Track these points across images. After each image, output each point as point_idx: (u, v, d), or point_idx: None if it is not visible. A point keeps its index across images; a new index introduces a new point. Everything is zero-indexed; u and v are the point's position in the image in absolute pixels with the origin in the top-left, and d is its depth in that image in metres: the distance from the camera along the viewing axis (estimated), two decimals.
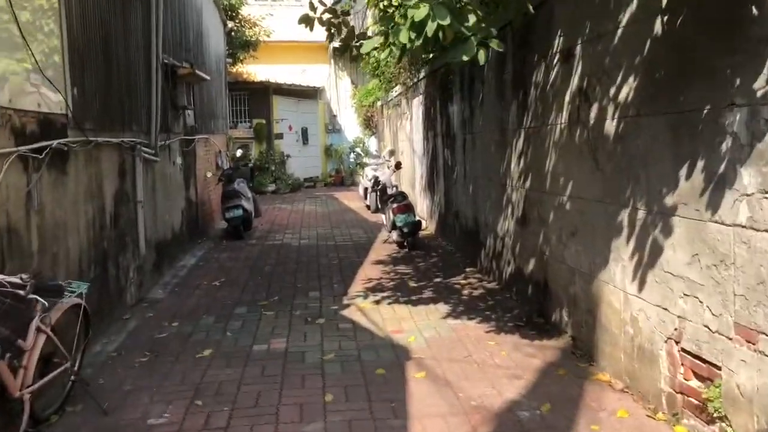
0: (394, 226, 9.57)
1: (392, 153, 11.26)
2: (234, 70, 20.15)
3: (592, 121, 4.58)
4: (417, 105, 12.12)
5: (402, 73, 12.01)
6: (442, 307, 6.30)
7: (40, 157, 4.31)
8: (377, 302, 6.56)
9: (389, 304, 6.49)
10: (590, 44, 4.59)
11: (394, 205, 9.41)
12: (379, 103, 18.28)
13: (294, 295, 6.98)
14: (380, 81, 16.25)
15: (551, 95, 5.32)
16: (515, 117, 6.31)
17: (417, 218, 9.53)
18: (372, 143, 22.02)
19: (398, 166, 10.59)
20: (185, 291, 7.32)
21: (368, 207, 14.61)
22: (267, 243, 10.57)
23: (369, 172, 14.45)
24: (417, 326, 5.71)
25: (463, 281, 7.46)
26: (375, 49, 5.17)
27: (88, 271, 5.34)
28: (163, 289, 7.38)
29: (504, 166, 6.75)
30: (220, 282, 7.70)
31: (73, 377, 4.14)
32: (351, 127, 22.58)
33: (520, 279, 6.38)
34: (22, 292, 3.41)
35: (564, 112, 5.08)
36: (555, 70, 5.24)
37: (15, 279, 3.43)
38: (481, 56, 4.20)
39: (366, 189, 14.46)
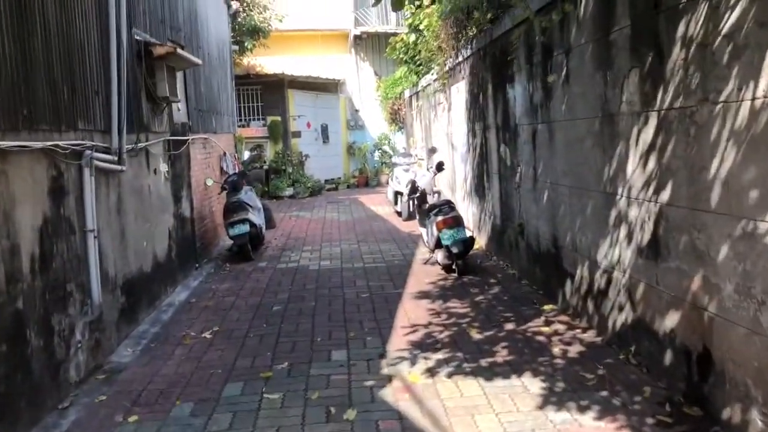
0: (438, 245, 7.51)
1: (433, 151, 9.18)
2: (244, 62, 18.23)
3: None
4: (458, 92, 10.03)
5: (438, 54, 9.92)
6: (533, 384, 4.21)
7: None
8: (431, 372, 4.49)
9: (450, 375, 4.42)
10: None
11: (439, 218, 7.34)
12: (407, 94, 16.19)
13: (311, 358, 4.92)
14: (409, 68, 14.16)
15: (727, 50, 3.21)
16: (636, 94, 4.19)
17: (468, 234, 7.45)
18: (399, 139, 19.97)
19: (440, 167, 8.51)
20: (162, 350, 5.32)
21: (399, 213, 12.56)
22: (280, 266, 8.55)
23: (399, 173, 12.39)
24: (503, 427, 3.64)
25: (545, 328, 5.36)
26: None
27: None
28: (134, 347, 5.39)
29: (611, 168, 4.64)
30: (211, 332, 5.70)
31: None
32: (375, 122, 20.53)
33: (645, 335, 4.27)
34: None
35: (765, 78, 2.96)
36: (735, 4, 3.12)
37: None
38: None
39: (396, 193, 12.39)
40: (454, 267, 7.38)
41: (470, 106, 9.22)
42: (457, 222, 7.33)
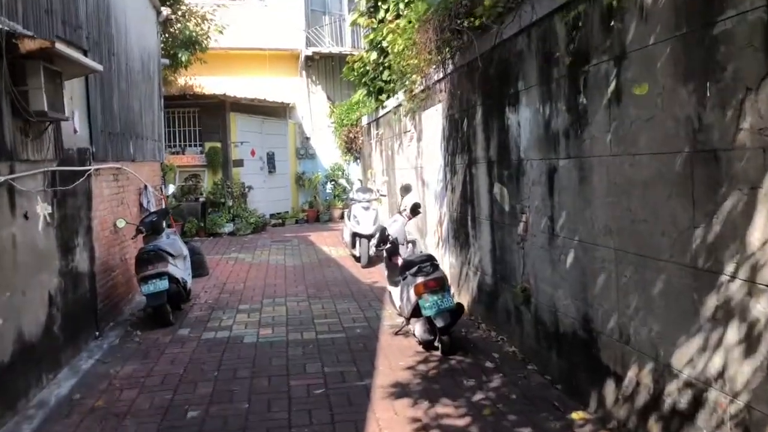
0: (415, 312, 5.76)
1: (406, 190, 7.43)
2: (179, 81, 16.30)
3: None
4: (431, 118, 8.40)
5: (409, 71, 8.26)
6: None
7: None
8: None
9: None
10: None
11: (419, 280, 5.58)
12: (365, 121, 14.54)
13: None
14: (368, 91, 12.51)
15: None
16: None
17: (456, 301, 5.71)
18: (354, 171, 18.26)
19: (415, 210, 6.79)
20: None
21: (356, 258, 10.78)
22: (206, 335, 6.60)
23: (358, 211, 10.62)
24: None
25: None
26: None
27: None
28: None
29: (710, 230, 3.00)
30: None
31: None
32: (328, 151, 18.78)
33: None
34: None
35: None
36: None
37: None
38: None
39: (354, 234, 10.60)
40: (436, 343, 5.62)
41: (449, 134, 7.58)
42: (442, 286, 5.59)
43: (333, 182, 18.47)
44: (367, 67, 11.91)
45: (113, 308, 7.26)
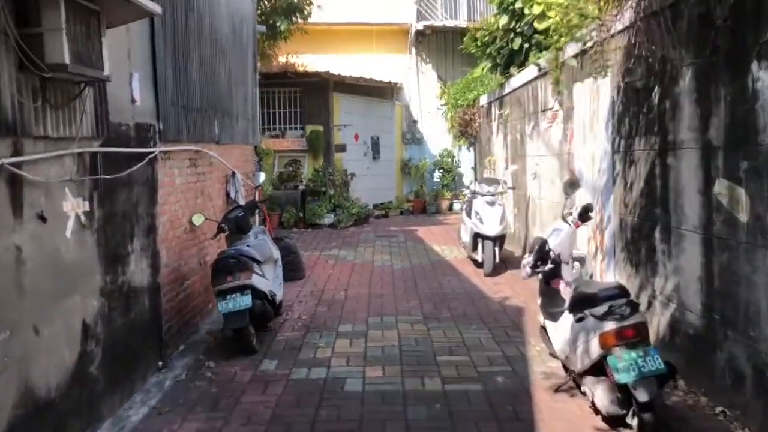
0: (596, 368, 3.87)
1: (574, 186, 5.33)
2: (282, 59, 14.98)
3: None
4: (589, 92, 6.41)
5: (562, 28, 6.27)
6: None
7: None
8: None
9: None
10: None
11: (609, 326, 3.68)
12: (484, 101, 12.59)
13: None
14: (494, 63, 10.57)
15: None
16: None
17: (664, 362, 3.74)
18: (465, 158, 16.37)
19: (586, 215, 4.78)
20: None
21: (476, 263, 8.94)
22: (296, 374, 4.98)
23: (481, 206, 8.74)
24: None
25: None
26: None
27: None
28: None
29: None
30: None
31: None
32: (436, 136, 16.96)
33: None
34: None
35: None
36: None
37: None
38: None
39: (476, 235, 8.73)
40: (630, 420, 3.71)
41: (623, 111, 5.57)
42: (642, 336, 3.67)
43: (441, 170, 16.68)
44: (495, 35, 9.96)
45: (186, 326, 5.84)
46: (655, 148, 4.94)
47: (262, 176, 7.20)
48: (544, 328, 4.98)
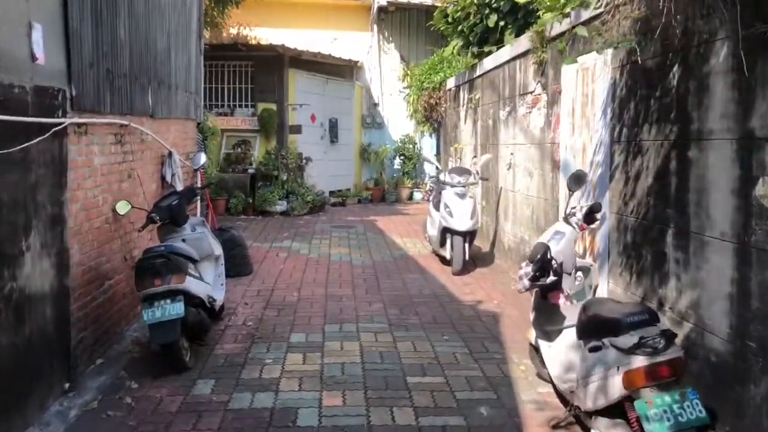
0: (613, 409, 3.09)
1: (579, 180, 4.45)
2: (233, 31, 13.83)
3: None
4: (581, 72, 5.63)
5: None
6: None
7: None
8: None
9: None
10: None
11: (638, 362, 2.90)
12: (451, 84, 11.77)
13: None
14: (467, 41, 9.74)
15: None
16: None
17: (705, 408, 2.98)
18: (427, 144, 15.57)
19: (592, 215, 3.96)
20: None
21: (443, 260, 8.15)
22: (237, 403, 4.06)
23: (451, 198, 7.94)
24: None
25: None
26: None
27: None
28: None
29: None
30: None
31: None
32: (398, 120, 16.09)
33: None
34: None
35: None
36: None
37: None
38: None
39: (445, 230, 7.93)
40: None
41: (627, 94, 4.81)
42: (678, 375, 2.92)
43: (403, 157, 15.83)
44: (468, 11, 9.12)
45: (106, 335, 4.86)
46: (671, 138, 4.19)
47: (203, 158, 6.19)
48: (535, 348, 4.20)
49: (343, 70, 15.55)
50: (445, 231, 7.92)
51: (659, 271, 4.35)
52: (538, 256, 3.54)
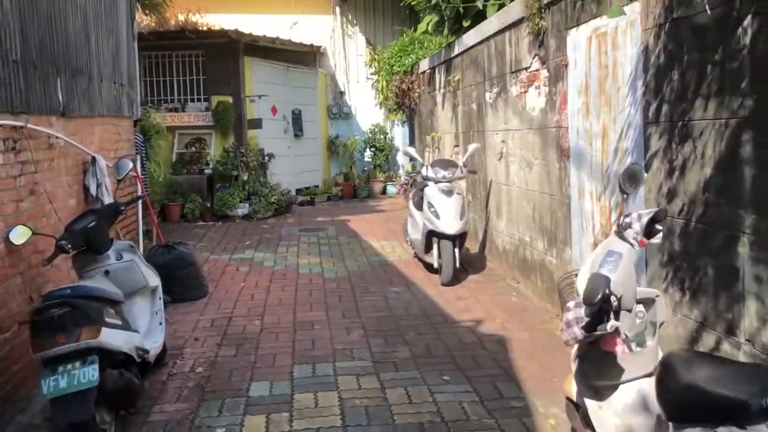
0: None
1: (633, 179, 3.28)
2: (182, 17, 12.53)
3: None
4: (595, 42, 4.56)
5: None
6: None
7: None
8: None
9: None
10: None
11: None
12: (424, 66, 10.64)
13: None
14: (443, 16, 8.63)
15: None
16: None
17: None
18: (399, 134, 14.47)
19: (654, 227, 2.94)
20: None
21: (428, 266, 7.07)
22: None
23: (435, 196, 6.83)
24: None
25: None
26: None
27: None
28: None
29: None
30: None
31: None
32: (366, 109, 14.93)
33: None
34: None
35: None
36: None
37: None
38: None
39: (431, 233, 6.83)
40: None
41: (666, 62, 3.75)
42: None
43: (373, 148, 14.70)
44: None
45: (4, 403, 3.66)
46: (742, 115, 3.14)
47: (129, 165, 4.95)
48: (575, 405, 3.13)
49: (305, 57, 14.32)
50: (431, 234, 6.82)
51: (728, 289, 3.31)
52: (598, 296, 2.46)
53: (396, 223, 10.56)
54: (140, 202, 6.85)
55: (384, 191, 14.56)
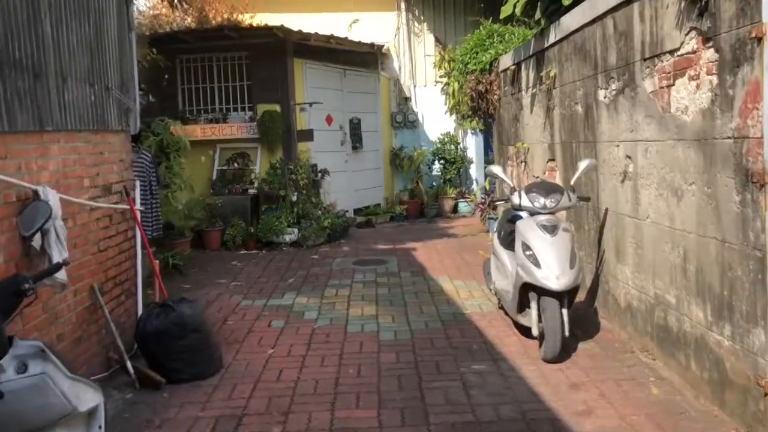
0: None
1: None
2: (227, 15, 11.07)
3: None
4: None
5: None
6: None
7: None
8: None
9: None
10: None
11: None
12: (507, 63, 8.68)
13: None
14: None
15: None
16: None
17: None
18: (472, 143, 12.59)
19: None
20: None
21: (521, 329, 5.12)
22: None
23: (535, 236, 4.86)
24: None
25: None
26: None
27: None
28: None
29: None
30: None
31: None
32: (435, 117, 13.07)
33: None
34: None
35: None
36: None
37: None
38: None
39: (526, 287, 4.88)
40: None
41: None
42: None
43: (443, 161, 12.84)
44: None
45: None
46: None
47: (45, 211, 3.09)
48: None
49: (365, 58, 12.60)
50: (526, 287, 4.89)
51: None
52: None
53: (471, 253, 8.67)
54: (138, 241, 5.23)
55: (455, 209, 12.69)
